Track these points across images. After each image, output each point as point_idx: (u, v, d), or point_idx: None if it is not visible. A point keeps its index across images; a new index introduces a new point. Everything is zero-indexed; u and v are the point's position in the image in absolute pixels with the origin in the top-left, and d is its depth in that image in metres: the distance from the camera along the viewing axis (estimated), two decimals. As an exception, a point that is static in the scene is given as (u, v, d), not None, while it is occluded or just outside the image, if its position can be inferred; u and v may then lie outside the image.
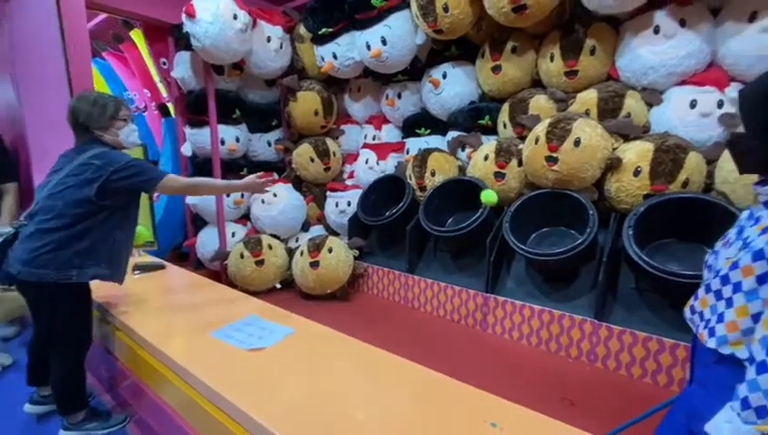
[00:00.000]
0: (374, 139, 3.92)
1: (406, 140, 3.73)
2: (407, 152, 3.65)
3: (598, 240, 2.42)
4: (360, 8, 3.17)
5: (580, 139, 2.36)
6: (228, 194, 3.59)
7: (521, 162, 2.74)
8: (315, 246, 3.28)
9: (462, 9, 2.75)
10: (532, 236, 2.68)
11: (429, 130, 3.56)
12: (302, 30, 3.68)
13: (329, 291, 3.30)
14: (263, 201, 3.72)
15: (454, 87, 3.23)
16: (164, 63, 3.85)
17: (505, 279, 2.78)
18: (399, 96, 3.62)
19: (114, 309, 1.93)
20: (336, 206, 3.84)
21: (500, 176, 2.82)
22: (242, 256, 3.36)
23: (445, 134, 3.48)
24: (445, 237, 3.01)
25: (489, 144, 2.97)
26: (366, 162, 3.78)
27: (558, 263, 2.41)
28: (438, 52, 3.33)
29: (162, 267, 2.56)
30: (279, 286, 3.52)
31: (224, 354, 1.44)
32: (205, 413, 1.27)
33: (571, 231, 2.57)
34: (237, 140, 3.68)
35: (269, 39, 3.50)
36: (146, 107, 4.80)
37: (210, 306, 1.95)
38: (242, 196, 3.76)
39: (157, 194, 3.97)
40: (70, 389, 1.76)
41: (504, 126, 3.04)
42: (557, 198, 2.53)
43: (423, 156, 3.23)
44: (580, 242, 2.30)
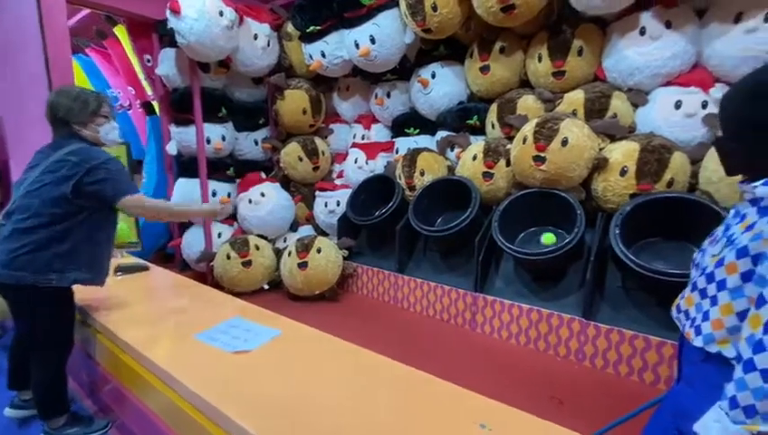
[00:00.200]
0: (363, 138, 3.89)
1: (395, 139, 3.72)
2: (396, 152, 3.64)
3: (585, 239, 2.44)
4: (349, 6, 3.14)
5: (567, 139, 2.38)
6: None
7: (509, 162, 2.75)
8: (304, 247, 3.25)
9: (450, 8, 2.74)
10: (521, 235, 2.69)
11: (418, 130, 3.56)
12: (289, 28, 3.64)
13: (317, 292, 3.27)
14: (250, 201, 3.67)
15: (443, 87, 3.23)
16: (148, 60, 3.77)
17: (494, 278, 2.79)
18: (388, 95, 3.61)
19: (95, 311, 1.87)
20: (325, 205, 3.81)
21: (488, 176, 2.83)
22: (228, 256, 3.30)
23: (434, 134, 3.48)
24: (434, 237, 3.00)
25: (477, 144, 2.97)
26: (355, 162, 3.75)
27: (546, 262, 2.42)
28: (427, 51, 3.32)
29: (146, 269, 2.50)
30: (267, 288, 3.48)
31: (208, 358, 1.41)
32: (188, 418, 1.24)
33: (559, 230, 2.58)
34: (223, 138, 3.62)
35: (256, 37, 3.45)
36: (130, 105, 4.71)
37: (194, 308, 1.91)
38: (228, 195, 3.70)
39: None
40: (51, 393, 1.71)
41: (493, 126, 3.05)
42: (545, 198, 2.55)
43: (412, 156, 3.22)
44: (567, 241, 2.32)
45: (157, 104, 3.96)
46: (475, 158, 2.90)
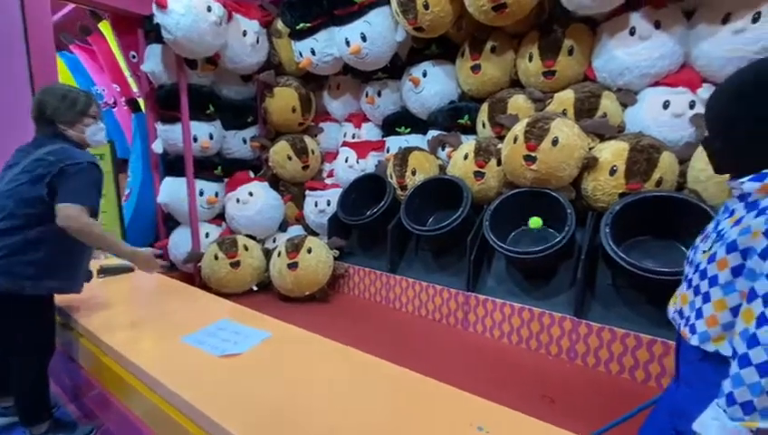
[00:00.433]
0: (354, 137, 3.87)
1: (386, 138, 3.70)
2: (387, 151, 3.62)
3: (576, 238, 2.45)
4: (340, 3, 3.12)
5: (557, 138, 2.38)
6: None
7: (500, 162, 2.75)
8: (294, 247, 3.21)
9: (442, 7, 2.73)
10: (512, 234, 2.70)
11: (409, 129, 3.54)
12: (279, 25, 3.59)
13: (308, 293, 3.23)
14: (238, 200, 3.61)
15: (434, 86, 3.22)
16: (133, 57, 3.68)
17: (486, 277, 2.79)
18: (379, 94, 3.58)
19: (78, 314, 1.82)
20: (315, 205, 3.77)
21: (479, 175, 2.83)
22: (216, 257, 3.25)
23: (425, 133, 3.46)
24: (426, 237, 2.99)
25: (469, 143, 2.97)
26: (346, 161, 3.72)
27: (537, 261, 2.43)
28: (419, 50, 3.31)
29: (130, 270, 2.44)
30: (255, 289, 3.43)
31: (195, 361, 1.37)
32: (175, 425, 1.20)
33: (550, 229, 2.59)
34: (211, 137, 3.56)
35: (245, 33, 3.40)
36: (115, 102, 4.60)
37: (181, 310, 1.86)
38: (216, 194, 3.64)
39: (127, 192, 3.82)
40: (32, 399, 1.67)
41: (483, 125, 3.05)
42: (536, 197, 2.55)
43: (403, 155, 3.21)
44: (558, 240, 2.32)
45: (142, 101, 3.87)
46: (466, 157, 2.90)
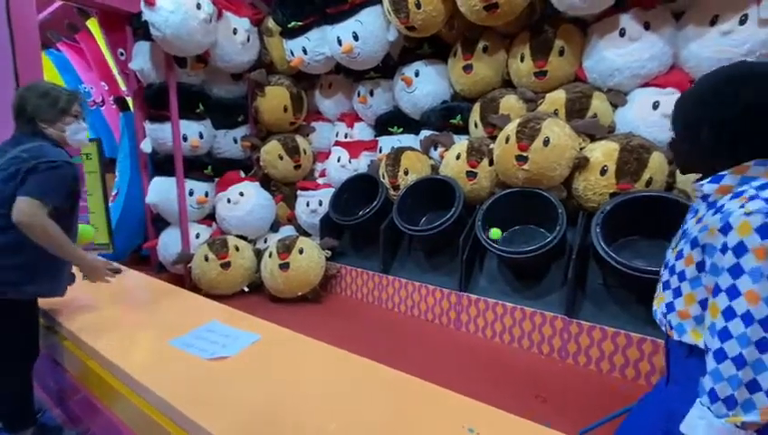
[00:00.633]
0: (346, 136, 3.85)
1: (378, 138, 3.69)
2: (380, 151, 3.61)
3: (567, 238, 2.46)
4: (331, 2, 3.10)
5: (549, 138, 2.39)
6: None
7: (492, 162, 2.76)
8: (285, 248, 3.18)
9: (434, 6, 2.73)
10: (504, 234, 2.70)
11: (402, 129, 3.54)
12: (270, 23, 3.56)
13: (300, 293, 3.21)
14: (228, 200, 3.57)
15: (426, 86, 3.21)
16: (122, 54, 3.63)
17: (478, 277, 2.79)
18: (372, 94, 3.57)
19: (63, 317, 1.78)
20: (307, 205, 3.74)
21: (472, 175, 2.83)
22: (206, 258, 3.20)
23: (417, 133, 3.46)
24: (418, 237, 2.99)
25: (461, 143, 2.97)
26: (338, 160, 3.70)
27: (529, 260, 2.43)
28: (411, 49, 3.30)
29: (118, 271, 2.38)
30: (247, 290, 3.39)
31: (183, 365, 1.34)
32: (162, 430, 1.18)
33: (541, 229, 2.60)
34: (201, 136, 3.51)
35: (235, 31, 3.36)
36: (103, 101, 4.53)
37: (169, 313, 1.83)
38: (206, 194, 3.60)
39: (114, 192, 3.75)
40: (16, 405, 1.64)
41: (476, 125, 3.05)
42: (527, 197, 2.56)
43: (396, 154, 3.20)
44: (549, 240, 2.33)
45: (131, 100, 3.81)
46: (458, 157, 2.90)
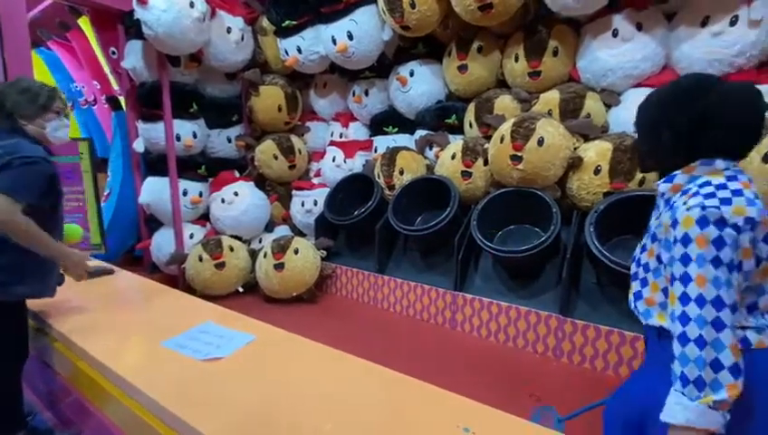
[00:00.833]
0: (341, 136, 3.84)
1: (373, 137, 3.69)
2: (375, 150, 3.61)
3: (561, 237, 2.47)
4: (326, 1, 3.09)
5: (543, 138, 2.40)
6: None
7: (487, 161, 2.76)
8: (280, 248, 3.17)
9: (429, 6, 2.73)
10: (499, 233, 2.71)
11: (397, 129, 3.54)
12: (264, 22, 3.54)
13: (295, 294, 3.19)
14: (223, 200, 3.55)
15: (421, 86, 3.21)
16: (114, 53, 3.59)
17: (473, 277, 2.79)
18: (367, 93, 3.57)
19: (54, 319, 1.75)
20: (302, 205, 3.73)
21: (467, 175, 2.83)
22: (200, 258, 3.18)
23: (412, 133, 3.46)
24: (414, 236, 2.99)
25: (456, 143, 2.97)
26: (333, 160, 3.69)
27: (523, 260, 2.44)
28: (406, 49, 3.30)
29: (110, 272, 2.37)
30: (241, 290, 3.37)
31: (176, 366, 1.33)
32: (155, 433, 1.16)
33: (536, 229, 2.61)
34: (194, 135, 3.49)
35: (229, 30, 3.34)
36: (95, 100, 4.48)
37: (162, 314, 1.81)
38: (200, 194, 3.57)
39: (107, 192, 3.72)
40: (5, 408, 1.61)
41: (470, 125, 3.05)
42: (522, 197, 2.57)
43: (391, 154, 3.19)
44: (544, 239, 2.34)
45: (123, 99, 3.77)
46: (453, 157, 2.90)
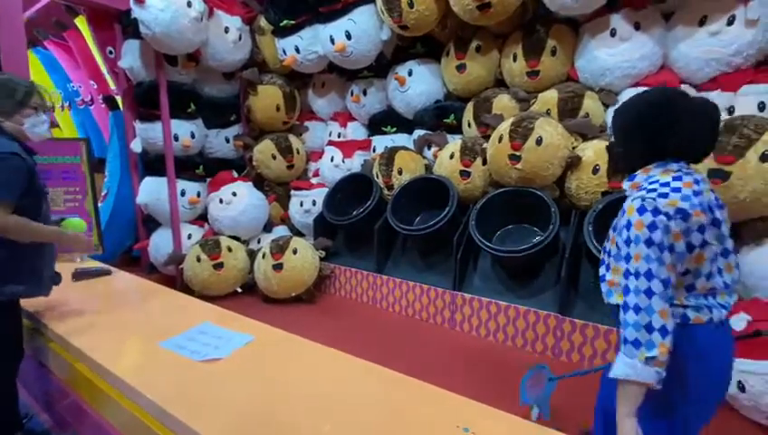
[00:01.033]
0: (339, 136, 3.83)
1: (372, 137, 3.68)
2: (373, 150, 3.60)
3: (560, 236, 2.47)
4: (324, 1, 3.08)
5: (541, 137, 2.40)
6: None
7: (485, 161, 2.76)
8: (278, 248, 3.16)
9: (427, 5, 2.73)
10: (498, 233, 2.71)
11: (395, 129, 3.53)
12: (262, 22, 3.53)
13: (293, 294, 3.19)
14: (221, 201, 3.54)
15: (419, 85, 3.21)
16: (111, 53, 3.58)
17: (472, 276, 2.79)
18: (365, 93, 3.56)
19: (50, 320, 1.74)
20: (300, 205, 3.72)
21: (465, 174, 2.83)
22: (198, 259, 3.17)
23: (411, 132, 3.46)
24: (413, 236, 2.98)
25: (454, 143, 2.97)
26: (331, 160, 3.68)
27: (522, 259, 2.44)
28: (404, 48, 3.30)
29: (108, 273, 2.36)
30: (240, 291, 3.36)
31: (174, 367, 1.32)
32: (153, 434, 1.15)
33: (534, 228, 2.61)
34: (192, 135, 3.47)
35: (227, 30, 3.33)
36: (92, 100, 4.46)
37: (160, 314, 1.81)
38: (198, 195, 3.56)
39: (104, 192, 3.70)
40: (1, 409, 1.60)
41: (469, 125, 3.05)
42: (520, 196, 2.57)
43: (390, 154, 3.19)
44: (542, 238, 2.34)
45: (120, 99, 3.76)
46: (452, 156, 2.90)
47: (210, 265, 3.16)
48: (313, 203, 3.66)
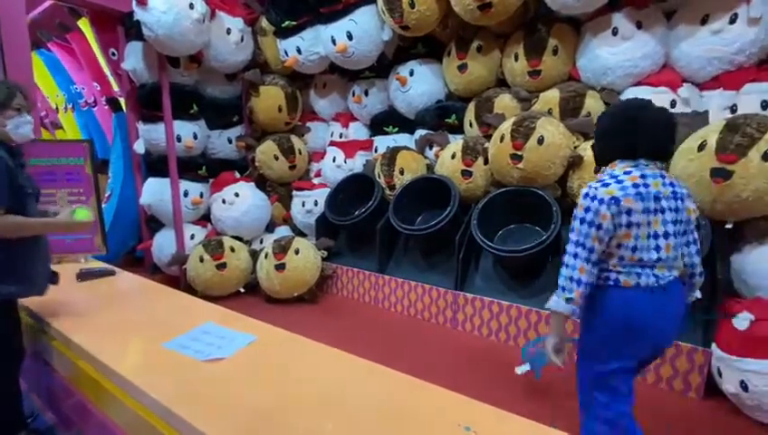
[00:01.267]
0: (341, 136, 3.84)
1: (374, 137, 3.69)
2: (375, 150, 3.61)
3: (562, 236, 2.46)
4: (325, 1, 3.10)
5: (543, 137, 2.40)
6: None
7: (487, 160, 2.76)
8: (281, 248, 3.17)
9: (428, 5, 2.73)
10: (499, 232, 2.71)
11: (397, 129, 3.54)
12: (264, 23, 3.55)
13: (296, 294, 3.20)
14: (224, 201, 3.55)
15: (421, 85, 3.22)
16: (114, 54, 3.60)
17: (474, 276, 2.79)
18: (367, 93, 3.57)
19: (54, 319, 1.75)
20: (303, 205, 3.73)
21: (467, 174, 2.83)
22: (201, 259, 3.19)
23: (412, 132, 3.46)
24: (414, 236, 2.99)
25: (456, 143, 2.97)
26: (333, 160, 3.69)
27: (524, 259, 2.44)
28: (405, 49, 3.31)
29: (111, 273, 2.37)
30: (243, 291, 3.37)
31: (178, 367, 1.33)
32: (158, 433, 1.16)
33: (536, 227, 2.61)
34: (195, 136, 3.49)
35: (229, 31, 3.35)
36: (95, 101, 4.49)
37: (163, 314, 1.81)
38: (201, 195, 3.57)
39: (108, 193, 3.72)
40: (4, 409, 1.61)
41: (471, 125, 3.05)
42: (522, 196, 2.57)
43: (391, 154, 3.20)
44: (544, 238, 2.34)
45: (123, 101, 3.78)
46: (453, 156, 2.90)
47: (213, 266, 3.18)
48: (315, 203, 3.67)
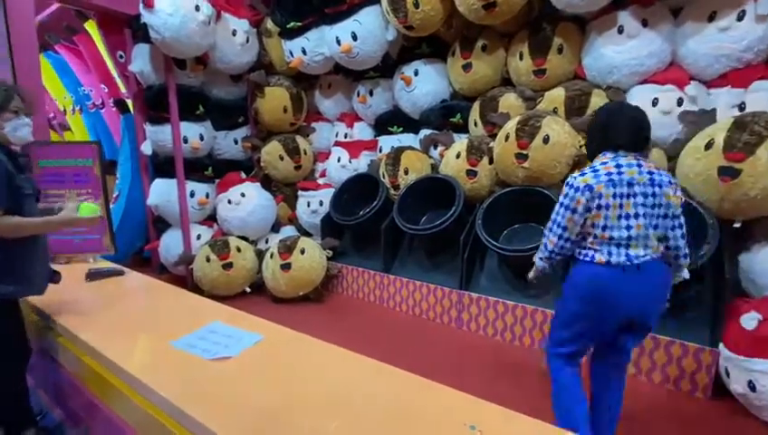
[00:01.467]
0: (346, 136, 3.85)
1: (378, 137, 3.70)
2: (379, 150, 3.61)
3: (568, 236, 2.45)
4: (330, 2, 3.10)
5: (548, 136, 2.39)
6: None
7: (492, 160, 2.76)
8: (286, 248, 3.19)
9: (432, 5, 2.73)
10: (504, 232, 2.70)
11: (402, 128, 3.54)
12: (269, 24, 3.57)
13: (301, 294, 3.21)
14: (229, 201, 3.58)
15: (425, 85, 3.22)
16: (121, 57, 3.64)
17: (479, 276, 2.79)
18: (371, 93, 3.58)
19: (63, 318, 1.77)
20: (308, 205, 3.75)
21: (472, 174, 2.83)
22: (208, 259, 3.21)
23: (417, 132, 3.46)
24: (419, 236, 2.99)
25: (461, 142, 2.97)
26: (338, 160, 3.71)
27: (529, 258, 2.42)
28: (410, 49, 3.31)
29: (120, 273, 2.39)
30: (248, 291, 3.39)
31: (186, 366, 1.35)
32: (165, 430, 1.18)
33: (541, 227, 2.59)
34: (201, 137, 3.52)
35: (234, 33, 3.37)
36: (103, 103, 4.54)
37: (171, 314, 1.83)
38: (207, 196, 3.60)
39: (116, 194, 3.76)
40: (13, 407, 1.63)
41: (475, 124, 3.05)
42: (527, 195, 2.56)
43: (396, 154, 3.20)
44: (550, 238, 2.32)
45: (131, 102, 3.82)
46: (458, 156, 2.90)
47: (219, 266, 3.20)
48: (320, 203, 3.69)
